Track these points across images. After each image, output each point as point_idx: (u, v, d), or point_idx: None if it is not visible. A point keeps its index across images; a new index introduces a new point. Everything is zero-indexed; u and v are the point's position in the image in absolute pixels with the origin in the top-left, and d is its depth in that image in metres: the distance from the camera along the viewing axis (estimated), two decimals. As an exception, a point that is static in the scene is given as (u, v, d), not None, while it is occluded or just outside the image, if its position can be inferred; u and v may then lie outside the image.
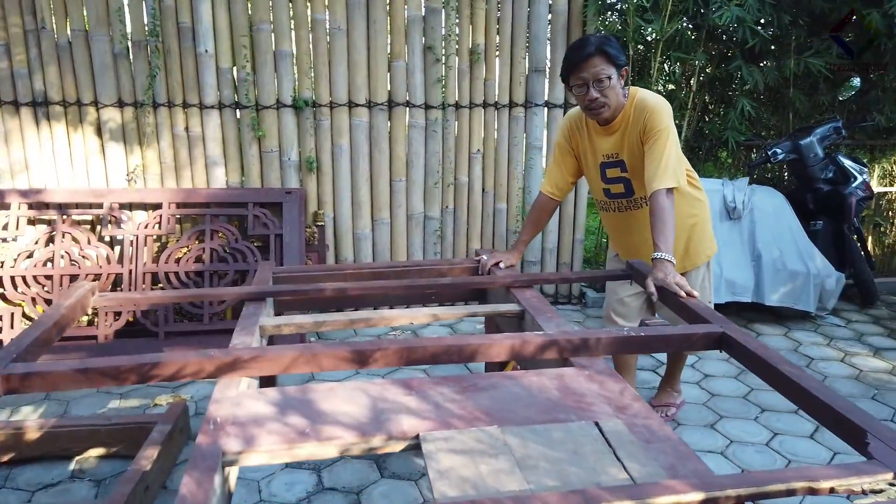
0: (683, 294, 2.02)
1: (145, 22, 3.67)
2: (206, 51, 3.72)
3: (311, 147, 3.94)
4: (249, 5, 3.74)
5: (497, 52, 3.99)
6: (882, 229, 4.77)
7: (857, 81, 4.06)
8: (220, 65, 3.77)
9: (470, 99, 4.00)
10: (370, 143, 3.98)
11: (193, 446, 1.29)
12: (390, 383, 1.58)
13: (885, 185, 4.69)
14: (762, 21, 3.83)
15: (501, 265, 2.51)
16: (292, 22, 3.82)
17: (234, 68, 3.83)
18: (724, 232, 3.82)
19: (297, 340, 3.58)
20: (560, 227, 4.27)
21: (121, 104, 3.76)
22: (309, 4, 3.80)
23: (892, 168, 4.66)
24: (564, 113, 4.09)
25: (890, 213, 4.76)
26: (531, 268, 4.28)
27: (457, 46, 3.92)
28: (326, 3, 3.80)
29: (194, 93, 3.78)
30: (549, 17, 3.98)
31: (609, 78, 2.21)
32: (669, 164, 2.22)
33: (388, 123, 3.99)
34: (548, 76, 4.06)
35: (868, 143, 4.65)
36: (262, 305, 2.15)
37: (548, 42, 4.02)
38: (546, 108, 4.09)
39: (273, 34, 3.78)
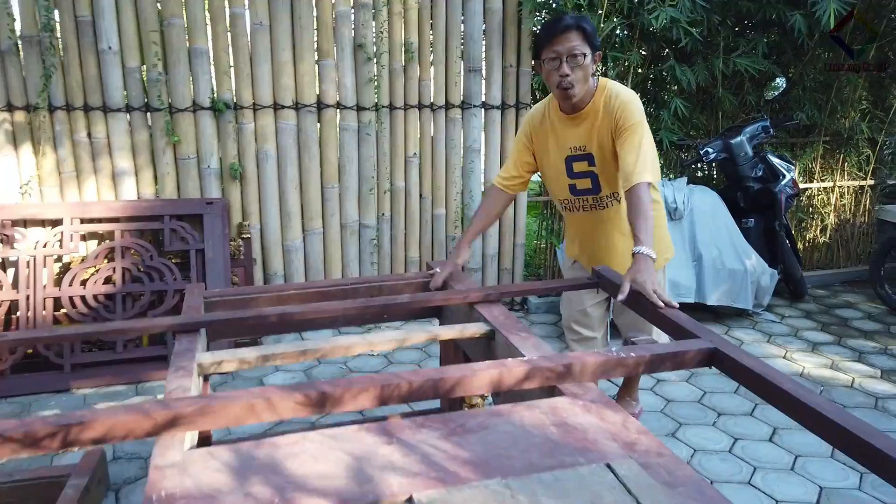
0: (662, 305, 1.90)
1: (37, 15, 3.25)
2: (111, 48, 3.34)
3: (234, 153, 3.62)
4: (159, -2, 3.40)
5: (431, 51, 3.81)
6: (804, 224, 4.93)
7: (781, 81, 4.14)
8: (126, 63, 3.39)
9: (404, 100, 3.79)
10: (299, 147, 3.70)
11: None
12: (365, 430, 1.36)
13: (805, 182, 4.84)
14: (694, 21, 3.83)
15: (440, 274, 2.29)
16: (208, 16, 3.49)
17: (144, 67, 3.46)
18: (667, 233, 3.79)
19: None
20: (500, 231, 4.13)
21: (10, 108, 3.31)
22: (226, -2, 3.49)
23: (811, 165, 4.82)
24: (502, 114, 3.96)
25: (810, 208, 4.92)
26: (472, 275, 4.12)
27: (389, 45, 3.71)
28: (246, -3, 3.50)
29: (97, 94, 3.39)
30: (484, 14, 3.83)
31: (584, 55, 2.08)
32: (648, 158, 2.09)
33: (318, 126, 3.73)
34: (484, 76, 3.92)
35: (789, 141, 4.78)
36: (196, 338, 1.87)
37: (483, 41, 3.87)
38: (483, 110, 3.94)
39: (187, 29, 3.44)
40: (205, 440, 1.83)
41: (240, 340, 3.26)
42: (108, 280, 3.37)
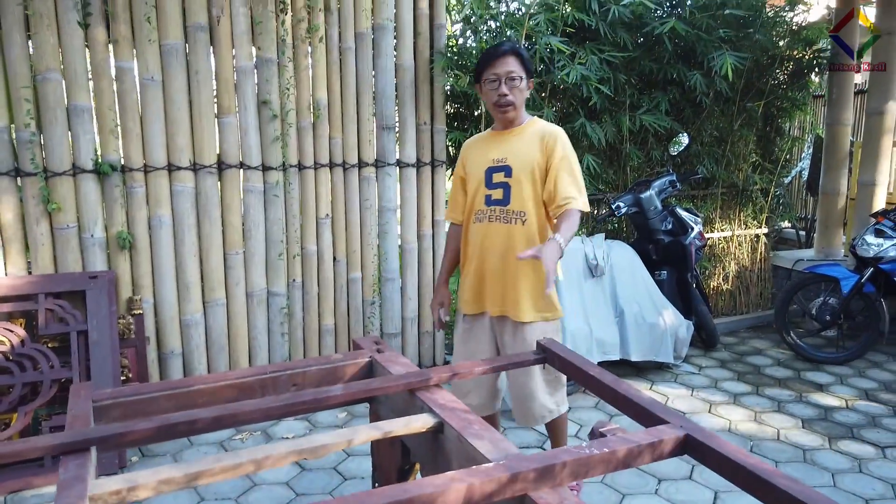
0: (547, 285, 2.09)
1: None
2: (-28, 104, 2.91)
3: (122, 220, 3.23)
4: (31, 49, 3.01)
5: (341, 108, 3.61)
6: (707, 273, 5.07)
7: (685, 138, 4.27)
8: (-9, 122, 2.97)
9: (314, 158, 3.56)
10: (198, 211, 3.37)
11: None
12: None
13: (708, 232, 5.00)
14: (602, 79, 3.89)
15: (442, 314, 2.62)
16: (90, 70, 3.14)
17: (13, 127, 3.04)
18: (589, 290, 3.74)
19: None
20: (420, 294, 3.94)
21: None
22: (111, 49, 3.16)
23: (712, 216, 4.99)
24: (418, 172, 3.82)
25: (712, 257, 5.09)
26: (392, 340, 3.88)
27: (296, 101, 3.48)
28: (135, 50, 3.18)
29: (-45, 157, 2.93)
30: (396, 72, 3.71)
31: (520, 78, 2.35)
32: (583, 188, 2.37)
33: (219, 188, 3.42)
34: (398, 134, 3.77)
35: (690, 194, 4.94)
36: (87, 458, 1.53)
37: (395, 98, 3.74)
38: (398, 168, 3.78)
39: (64, 84, 3.07)
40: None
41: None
42: (-33, 373, 2.87)
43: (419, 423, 1.76)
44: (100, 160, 3.16)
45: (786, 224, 6.10)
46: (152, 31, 3.14)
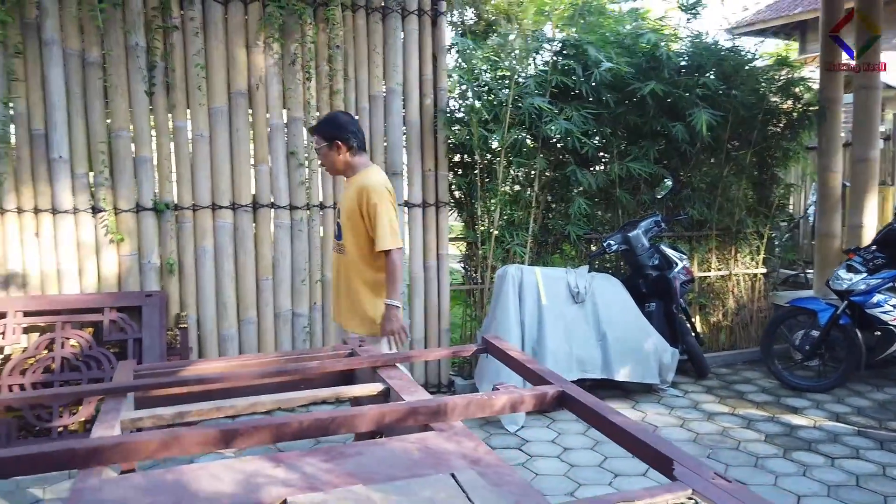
0: (393, 350, 2.75)
1: (-5, 127, 3.60)
2: (61, 157, 3.69)
3: (173, 249, 3.93)
4: (109, 113, 3.79)
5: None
6: (707, 309, 5.40)
7: (669, 182, 4.72)
8: (75, 170, 3.74)
9: (335, 199, 4.21)
10: (235, 243, 4.04)
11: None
12: (259, 459, 1.63)
13: (704, 271, 5.36)
14: (588, 132, 4.42)
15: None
16: (153, 129, 3.90)
17: (91, 173, 3.80)
18: (572, 314, 4.19)
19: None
20: (426, 317, 4.46)
21: (-37, 210, 3.59)
22: (170, 113, 3.91)
23: (707, 255, 5.36)
24: (423, 212, 4.40)
25: (711, 294, 5.42)
26: (399, 360, 4.40)
27: (319, 152, 4.16)
28: (188, 112, 3.93)
29: (46, 198, 3.69)
30: (404, 127, 4.35)
31: (321, 147, 2.97)
32: (388, 229, 2.87)
33: (254, 224, 4.09)
34: (406, 178, 4.39)
35: (686, 235, 5.33)
36: (122, 401, 2.12)
37: (403, 148, 4.37)
38: (406, 208, 4.38)
39: (133, 140, 3.83)
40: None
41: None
42: (46, 370, 3.55)
43: (370, 388, 2.29)
44: (157, 200, 3.88)
45: (797, 270, 6.36)
46: (203, 97, 3.89)
